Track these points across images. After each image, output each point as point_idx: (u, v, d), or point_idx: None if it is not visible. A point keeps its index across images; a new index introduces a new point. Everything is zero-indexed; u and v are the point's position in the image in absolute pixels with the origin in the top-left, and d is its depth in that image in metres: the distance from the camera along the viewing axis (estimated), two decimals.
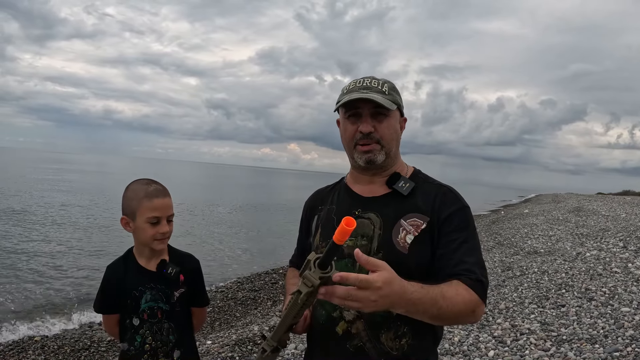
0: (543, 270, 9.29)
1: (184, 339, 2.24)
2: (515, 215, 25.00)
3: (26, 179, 42.41)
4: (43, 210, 21.83)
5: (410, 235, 1.68)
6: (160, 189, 2.15)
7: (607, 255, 10.10)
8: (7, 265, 11.78)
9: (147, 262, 2.20)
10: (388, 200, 1.77)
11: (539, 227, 17.39)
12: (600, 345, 5.14)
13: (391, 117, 1.76)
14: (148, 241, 2.14)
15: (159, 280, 2.18)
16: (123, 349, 2.23)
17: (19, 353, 6.74)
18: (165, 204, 2.14)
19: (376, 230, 1.71)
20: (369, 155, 1.74)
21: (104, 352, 6.87)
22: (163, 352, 2.17)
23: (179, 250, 2.33)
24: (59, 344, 7.10)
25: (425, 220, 1.69)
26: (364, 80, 1.76)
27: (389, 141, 1.76)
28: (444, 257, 1.64)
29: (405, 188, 1.75)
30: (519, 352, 5.18)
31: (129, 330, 2.19)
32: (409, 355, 1.66)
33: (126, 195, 2.17)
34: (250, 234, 20.10)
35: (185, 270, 2.23)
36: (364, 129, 1.72)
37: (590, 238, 13.27)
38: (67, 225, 18.39)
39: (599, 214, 20.76)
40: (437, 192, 1.76)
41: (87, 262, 12.68)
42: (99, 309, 2.28)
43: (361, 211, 1.76)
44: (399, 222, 1.70)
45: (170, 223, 2.17)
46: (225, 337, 6.62)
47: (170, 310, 2.18)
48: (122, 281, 2.18)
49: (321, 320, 1.75)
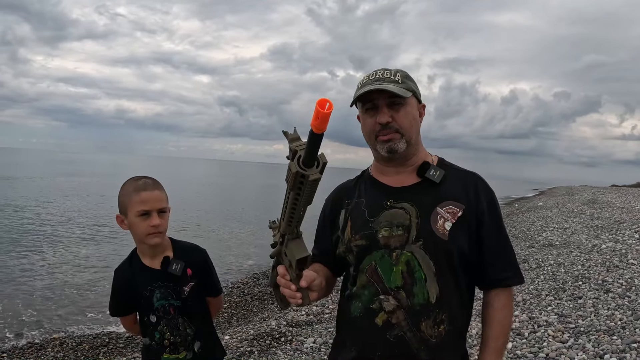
0: (559, 263, 9.27)
1: (203, 330, 2.24)
2: (530, 208, 24.90)
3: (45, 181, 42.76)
4: (60, 209, 22.02)
5: (448, 222, 1.69)
6: (148, 182, 2.12)
7: (623, 247, 10.05)
8: (23, 263, 11.93)
9: (151, 260, 2.18)
10: (420, 188, 1.77)
11: (554, 219, 17.31)
12: (618, 336, 5.12)
13: (408, 105, 1.76)
14: (142, 237, 2.11)
15: (165, 277, 2.16)
16: (145, 344, 2.25)
17: (37, 351, 6.80)
18: (154, 196, 2.10)
19: (413, 219, 1.71)
20: (390, 145, 1.74)
21: (122, 348, 6.92)
22: (183, 345, 2.18)
23: (183, 242, 2.30)
24: (77, 341, 7.17)
25: (461, 208, 1.72)
26: (376, 73, 1.77)
27: (408, 129, 1.76)
28: (487, 256, 1.75)
29: (437, 176, 1.76)
30: (537, 344, 5.17)
31: (148, 326, 2.21)
32: (446, 342, 1.68)
33: (119, 194, 2.15)
34: (264, 229, 20.18)
35: (192, 263, 2.21)
36: (381, 119, 1.72)
37: (606, 230, 13.20)
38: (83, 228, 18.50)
39: (614, 205, 20.63)
40: (468, 180, 1.80)
41: (105, 257, 12.87)
42: (114, 312, 2.31)
43: (393, 201, 1.76)
44: (435, 210, 1.71)
45: (162, 216, 2.12)
46: (243, 332, 6.66)
47: (183, 306, 2.17)
48: (130, 283, 2.18)
49: (358, 312, 1.75)
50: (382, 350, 1.68)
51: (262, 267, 12.39)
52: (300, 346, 5.73)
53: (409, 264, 1.67)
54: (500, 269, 1.75)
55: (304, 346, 5.69)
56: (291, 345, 5.81)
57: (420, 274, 1.67)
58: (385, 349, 1.67)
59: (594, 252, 9.96)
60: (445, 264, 1.66)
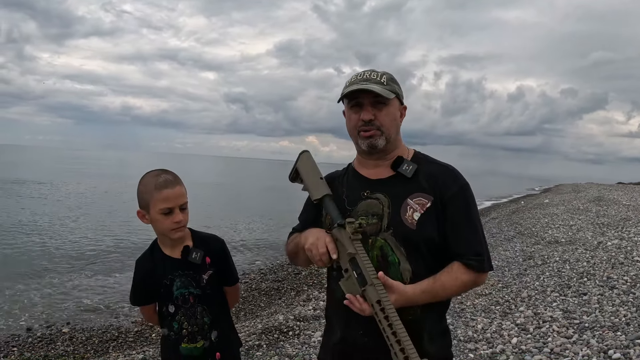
0: (564, 260, 9.30)
1: (219, 319, 2.29)
2: (536, 205, 24.85)
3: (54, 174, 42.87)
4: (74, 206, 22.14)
5: (417, 212, 1.86)
6: (169, 179, 2.16)
7: (629, 245, 10.07)
8: (34, 257, 12.06)
9: (172, 250, 2.25)
10: (394, 182, 1.94)
11: (560, 216, 17.30)
12: (623, 332, 5.16)
13: (390, 106, 1.93)
14: (165, 232, 2.18)
15: (186, 266, 2.22)
16: (164, 335, 2.31)
17: (47, 345, 6.85)
18: (176, 193, 2.14)
19: (385, 209, 1.89)
20: (371, 141, 1.92)
21: (131, 342, 6.97)
22: (201, 334, 2.23)
23: (202, 233, 2.36)
24: (87, 335, 7.22)
25: (430, 199, 1.88)
26: (364, 73, 1.96)
27: (389, 127, 1.93)
28: (448, 237, 1.87)
29: (409, 170, 1.92)
30: (542, 339, 5.22)
31: (166, 317, 2.26)
32: (423, 319, 1.85)
33: (139, 189, 2.20)
34: (271, 226, 20.18)
35: (210, 252, 2.28)
36: (364, 116, 1.90)
37: (612, 227, 13.21)
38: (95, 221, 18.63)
39: (620, 203, 20.60)
40: (438, 172, 1.95)
41: (117, 252, 13.04)
42: (135, 302, 2.37)
43: (369, 192, 1.94)
44: (405, 201, 1.88)
45: (184, 211, 2.18)
46: (251, 327, 6.72)
47: (202, 294, 2.23)
48: (152, 272, 2.25)
49: (341, 294, 1.87)
50: (363, 328, 1.84)
51: (268, 263, 12.46)
52: (308, 340, 5.80)
53: (383, 249, 1.85)
54: (461, 247, 1.86)
55: (312, 340, 5.75)
56: (299, 339, 5.88)
57: (394, 257, 1.84)
58: (367, 326, 1.80)
59: (599, 249, 9.98)
60: (414, 250, 1.84)
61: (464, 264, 1.84)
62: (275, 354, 5.38)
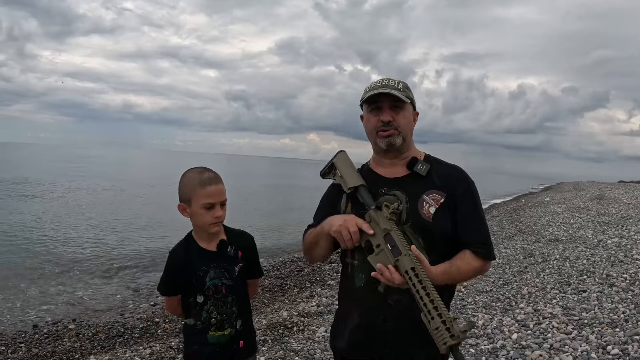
0: (564, 257, 9.38)
1: (244, 309, 2.44)
2: (536, 203, 24.90)
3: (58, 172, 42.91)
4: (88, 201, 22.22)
5: (432, 207, 2.06)
6: (212, 177, 2.32)
7: (629, 243, 10.16)
8: (38, 254, 12.16)
9: (207, 243, 2.38)
10: (409, 180, 2.14)
11: (560, 215, 17.37)
12: (621, 329, 5.24)
13: (406, 110, 2.14)
14: (205, 226, 2.32)
15: (220, 258, 2.37)
16: (189, 324, 2.41)
17: (54, 341, 6.86)
18: (218, 190, 2.31)
19: (403, 204, 2.06)
20: (389, 139, 2.12)
21: (137, 338, 6.98)
22: (228, 323, 2.37)
23: (234, 229, 2.53)
24: (93, 331, 7.24)
25: (443, 195, 2.08)
26: (382, 81, 2.14)
27: (405, 128, 2.14)
28: (459, 229, 2.08)
29: (423, 169, 2.13)
30: (542, 335, 5.30)
31: (193, 307, 2.38)
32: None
33: (182, 184, 2.35)
34: (273, 223, 20.25)
35: (242, 246, 2.45)
36: (384, 118, 2.10)
37: (612, 226, 13.29)
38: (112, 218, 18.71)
39: (621, 201, 20.67)
40: (449, 172, 2.16)
41: (120, 249, 13.10)
42: (165, 292, 2.47)
43: (387, 189, 2.12)
44: (422, 197, 2.07)
45: (223, 207, 2.34)
46: (256, 322, 6.76)
47: (233, 285, 2.38)
48: (186, 263, 2.36)
49: (362, 283, 2.09)
50: (384, 314, 2.04)
51: (270, 261, 12.51)
52: (313, 335, 5.89)
53: None
54: (470, 237, 2.08)
55: (316, 335, 5.84)
56: (303, 335, 5.97)
57: None
58: (387, 311, 2.01)
59: (599, 247, 10.07)
60: (431, 241, 2.03)
61: (474, 252, 2.05)
62: (281, 349, 5.47)
